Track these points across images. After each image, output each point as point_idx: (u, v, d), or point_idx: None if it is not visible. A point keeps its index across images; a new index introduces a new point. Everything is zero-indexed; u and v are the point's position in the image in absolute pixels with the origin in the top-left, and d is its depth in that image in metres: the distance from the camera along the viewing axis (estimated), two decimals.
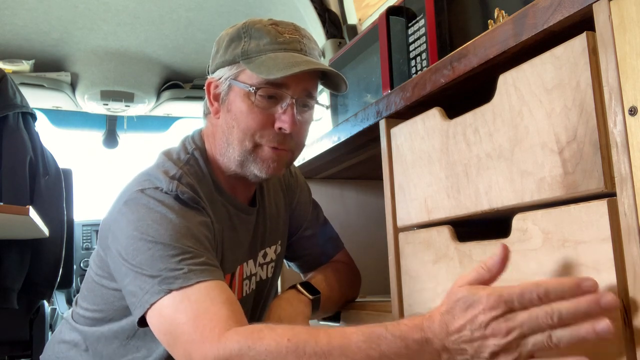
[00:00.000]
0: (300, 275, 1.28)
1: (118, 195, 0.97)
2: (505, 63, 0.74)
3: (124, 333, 0.99)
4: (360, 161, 1.33)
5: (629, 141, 0.56)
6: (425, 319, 0.66)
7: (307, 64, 0.94)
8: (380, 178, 0.99)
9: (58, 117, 3.25)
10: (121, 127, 3.39)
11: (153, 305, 0.83)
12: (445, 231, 0.83)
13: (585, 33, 0.61)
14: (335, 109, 1.58)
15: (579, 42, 0.61)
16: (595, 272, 0.59)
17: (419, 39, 1.16)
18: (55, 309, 2.46)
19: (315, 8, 2.32)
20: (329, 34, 2.30)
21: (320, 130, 1.55)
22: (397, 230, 0.95)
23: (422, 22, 1.15)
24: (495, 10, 0.96)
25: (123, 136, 3.41)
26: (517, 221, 0.69)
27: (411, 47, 1.18)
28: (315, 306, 1.08)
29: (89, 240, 3.22)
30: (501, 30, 0.71)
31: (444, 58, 0.82)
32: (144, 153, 3.58)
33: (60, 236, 2.02)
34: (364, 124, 1.04)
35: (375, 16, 1.56)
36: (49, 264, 1.98)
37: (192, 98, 3.09)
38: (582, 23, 0.62)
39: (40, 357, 1.13)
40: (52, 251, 1.99)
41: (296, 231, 1.23)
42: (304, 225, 1.23)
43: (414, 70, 1.17)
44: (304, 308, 1.05)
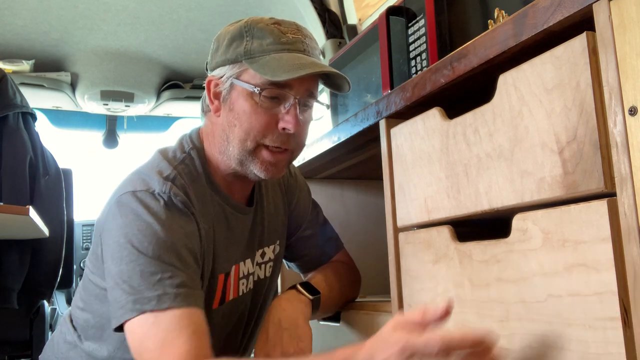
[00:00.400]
0: (300, 275, 1.28)
1: (112, 193, 0.98)
2: (505, 63, 0.74)
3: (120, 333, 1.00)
4: (360, 161, 1.33)
5: (629, 141, 0.56)
6: (357, 347, 0.73)
7: (312, 66, 0.94)
8: (380, 178, 0.99)
9: (58, 117, 3.26)
10: (121, 127, 3.39)
11: (126, 322, 0.87)
12: (445, 231, 0.83)
13: (585, 33, 0.61)
14: (335, 109, 1.58)
15: (579, 42, 0.61)
16: (595, 272, 0.59)
17: (419, 39, 1.16)
18: (55, 309, 2.46)
19: (315, 8, 2.32)
20: (329, 34, 2.30)
21: (320, 130, 1.55)
22: (397, 230, 0.95)
23: (422, 22, 1.15)
24: (495, 10, 0.96)
25: (123, 136, 3.41)
26: (517, 221, 0.69)
27: (411, 47, 1.18)
28: (315, 306, 1.08)
29: (89, 240, 3.21)
30: (501, 30, 0.71)
31: (444, 58, 0.82)
32: (144, 153, 3.58)
33: (60, 236, 2.02)
34: (364, 124, 1.04)
35: (375, 16, 1.56)
36: (49, 264, 1.98)
37: (192, 98, 3.09)
38: (582, 23, 0.62)
39: (40, 357, 1.13)
40: (52, 251, 1.99)
41: (296, 231, 1.23)
42: (303, 226, 1.23)
43: (414, 70, 1.17)
44: (304, 308, 1.05)
